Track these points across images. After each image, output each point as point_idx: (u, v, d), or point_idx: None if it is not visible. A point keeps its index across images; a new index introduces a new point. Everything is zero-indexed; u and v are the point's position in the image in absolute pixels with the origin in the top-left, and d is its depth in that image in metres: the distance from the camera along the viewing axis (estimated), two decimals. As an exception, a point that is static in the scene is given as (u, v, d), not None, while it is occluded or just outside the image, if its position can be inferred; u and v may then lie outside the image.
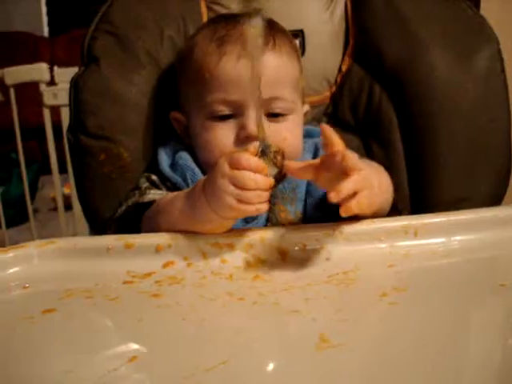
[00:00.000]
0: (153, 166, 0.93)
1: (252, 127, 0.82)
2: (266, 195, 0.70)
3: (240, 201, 0.69)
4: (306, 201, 0.86)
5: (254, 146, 0.74)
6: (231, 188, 0.69)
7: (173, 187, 0.88)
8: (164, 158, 0.91)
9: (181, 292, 0.65)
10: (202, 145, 0.88)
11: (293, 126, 0.89)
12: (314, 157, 0.90)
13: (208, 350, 0.54)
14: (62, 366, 0.52)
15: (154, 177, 0.90)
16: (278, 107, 0.86)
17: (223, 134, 0.85)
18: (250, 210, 0.70)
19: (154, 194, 0.86)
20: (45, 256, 0.72)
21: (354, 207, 0.66)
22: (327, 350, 0.52)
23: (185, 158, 0.89)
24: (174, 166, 0.90)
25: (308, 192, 0.86)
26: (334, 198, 0.65)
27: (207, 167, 0.88)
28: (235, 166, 0.70)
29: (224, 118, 0.86)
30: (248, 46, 0.64)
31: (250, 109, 0.83)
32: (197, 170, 0.87)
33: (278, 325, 0.57)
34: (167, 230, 0.75)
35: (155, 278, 0.68)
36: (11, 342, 0.57)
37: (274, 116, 0.87)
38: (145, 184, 0.89)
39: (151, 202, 0.84)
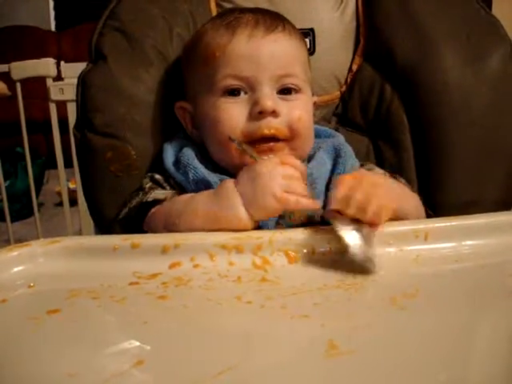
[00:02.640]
0: (158, 163, 0.92)
1: (265, 102, 0.82)
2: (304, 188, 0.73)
3: (286, 191, 0.71)
4: (325, 199, 0.86)
5: None
6: (280, 179, 0.72)
7: (177, 185, 0.87)
8: (169, 155, 0.90)
9: (187, 294, 0.64)
10: (211, 124, 0.86)
11: (305, 105, 0.88)
12: (334, 163, 0.89)
13: (215, 355, 0.53)
14: (67, 368, 0.51)
15: (157, 176, 0.89)
16: (289, 84, 0.86)
17: (235, 110, 0.84)
18: (292, 199, 0.71)
19: (157, 194, 0.85)
20: (50, 255, 0.71)
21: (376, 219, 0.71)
22: (336, 357, 0.51)
23: (188, 155, 0.88)
24: (177, 163, 0.89)
25: (328, 189, 0.86)
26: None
27: (215, 150, 0.88)
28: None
29: (235, 94, 0.85)
30: None
31: (263, 85, 0.83)
32: (200, 168, 0.86)
33: (287, 330, 0.56)
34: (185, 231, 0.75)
35: (162, 279, 0.67)
36: (16, 343, 0.56)
37: (286, 93, 0.86)
38: (148, 184, 0.88)
39: (155, 201, 0.83)
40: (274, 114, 0.82)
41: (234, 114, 0.84)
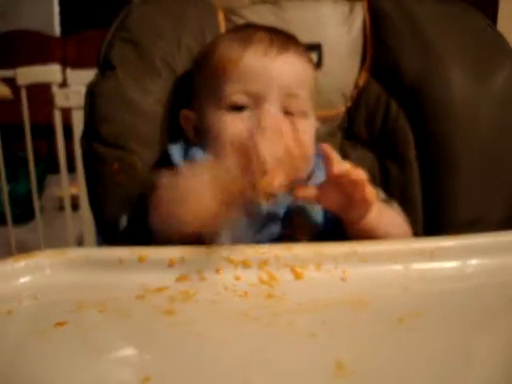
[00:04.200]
0: (164, 162, 0.91)
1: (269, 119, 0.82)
2: None
3: None
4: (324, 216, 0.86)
5: None
6: None
7: None
8: (176, 153, 0.89)
9: (194, 309, 0.64)
10: (213, 136, 0.87)
11: (308, 128, 0.89)
12: None
13: (222, 372, 0.53)
14: (75, 382, 0.51)
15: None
16: (295, 106, 0.86)
17: (238, 124, 0.84)
18: None
19: None
20: (56, 266, 0.71)
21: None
22: (344, 378, 0.51)
23: (197, 152, 0.88)
24: (186, 160, 0.88)
25: None
26: None
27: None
28: None
29: (241, 109, 0.85)
30: None
31: (270, 102, 0.84)
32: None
33: (294, 348, 0.56)
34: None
35: (168, 293, 0.67)
36: (23, 355, 0.56)
37: (290, 115, 0.86)
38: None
39: None
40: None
41: (236, 128, 0.84)
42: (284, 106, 0.85)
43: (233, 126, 0.84)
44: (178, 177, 0.70)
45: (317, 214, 0.85)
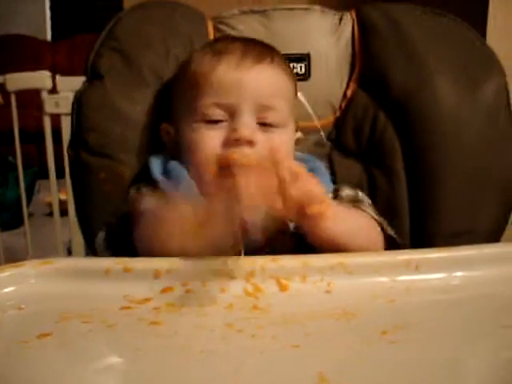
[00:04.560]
0: (144, 174, 0.91)
1: (243, 131, 0.82)
2: None
3: None
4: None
5: None
6: None
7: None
8: (156, 166, 0.90)
9: (179, 321, 0.64)
10: (189, 148, 0.87)
11: (286, 139, 0.89)
12: None
13: (205, 385, 0.53)
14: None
15: (144, 188, 0.88)
16: (271, 117, 0.86)
17: (212, 136, 0.85)
18: None
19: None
20: (42, 276, 0.71)
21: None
22: (326, 391, 0.51)
23: (175, 166, 0.88)
24: (166, 173, 0.89)
25: None
26: None
27: (193, 176, 0.86)
28: None
29: (215, 122, 0.85)
30: None
31: (244, 113, 0.84)
32: (190, 179, 0.86)
33: (277, 361, 0.56)
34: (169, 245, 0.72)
35: (153, 305, 0.67)
36: (5, 366, 0.56)
37: (266, 126, 0.86)
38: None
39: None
40: (251, 143, 0.83)
41: (210, 140, 0.85)
42: (259, 117, 0.86)
43: (207, 138, 0.85)
44: (163, 206, 0.73)
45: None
